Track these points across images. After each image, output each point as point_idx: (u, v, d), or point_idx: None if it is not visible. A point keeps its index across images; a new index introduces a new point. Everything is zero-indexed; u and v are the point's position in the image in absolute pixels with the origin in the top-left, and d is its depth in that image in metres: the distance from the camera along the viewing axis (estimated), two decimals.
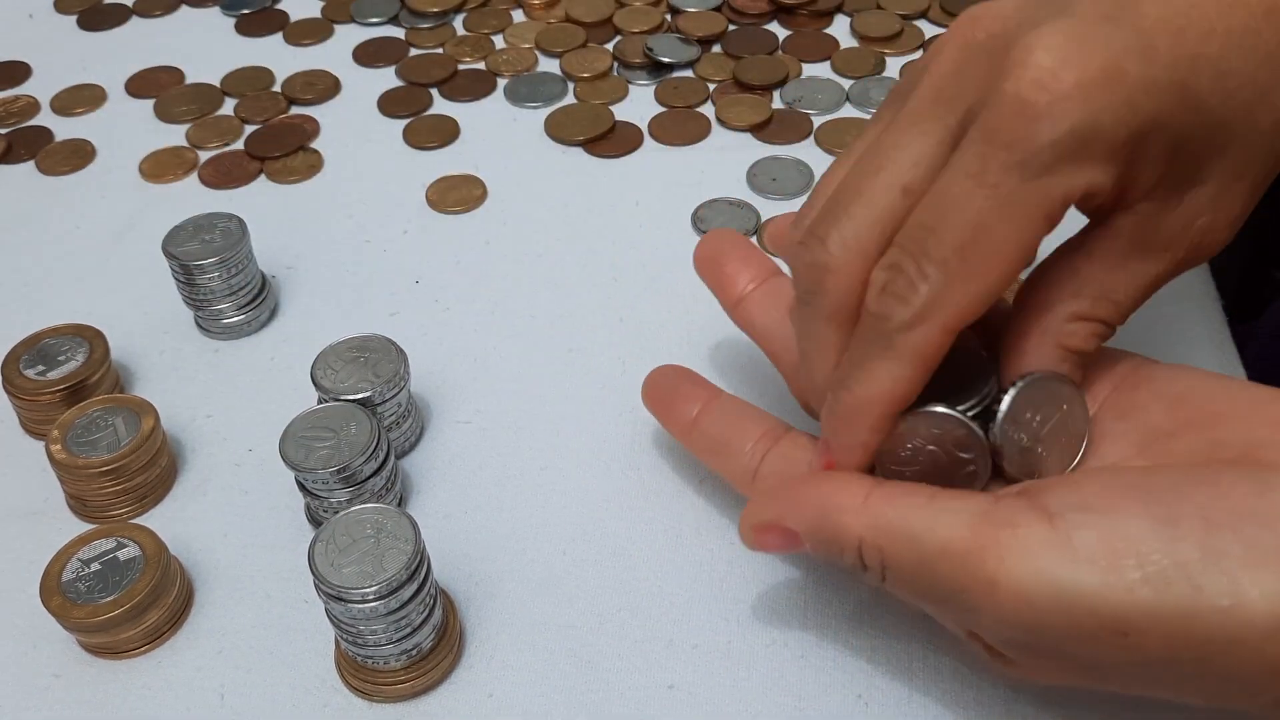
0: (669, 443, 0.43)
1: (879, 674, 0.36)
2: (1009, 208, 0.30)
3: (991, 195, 0.30)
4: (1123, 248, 0.33)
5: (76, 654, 0.38)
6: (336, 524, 0.35)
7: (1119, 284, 0.33)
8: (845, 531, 0.31)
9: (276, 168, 0.57)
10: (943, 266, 0.30)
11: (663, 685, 0.36)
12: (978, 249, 0.30)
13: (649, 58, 0.61)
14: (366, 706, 0.36)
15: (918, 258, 0.31)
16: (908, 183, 0.32)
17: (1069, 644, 0.28)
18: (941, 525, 0.29)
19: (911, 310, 0.31)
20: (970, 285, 0.30)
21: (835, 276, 0.33)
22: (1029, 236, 0.30)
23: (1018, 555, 0.28)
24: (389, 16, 0.66)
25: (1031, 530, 0.28)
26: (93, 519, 0.42)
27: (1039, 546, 0.28)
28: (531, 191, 0.55)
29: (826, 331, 0.34)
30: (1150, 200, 0.32)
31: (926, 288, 0.31)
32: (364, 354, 0.42)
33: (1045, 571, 0.28)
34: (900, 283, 0.31)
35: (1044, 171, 0.29)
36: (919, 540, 0.30)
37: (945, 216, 0.30)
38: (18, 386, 0.44)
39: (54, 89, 0.62)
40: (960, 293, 0.30)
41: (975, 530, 0.29)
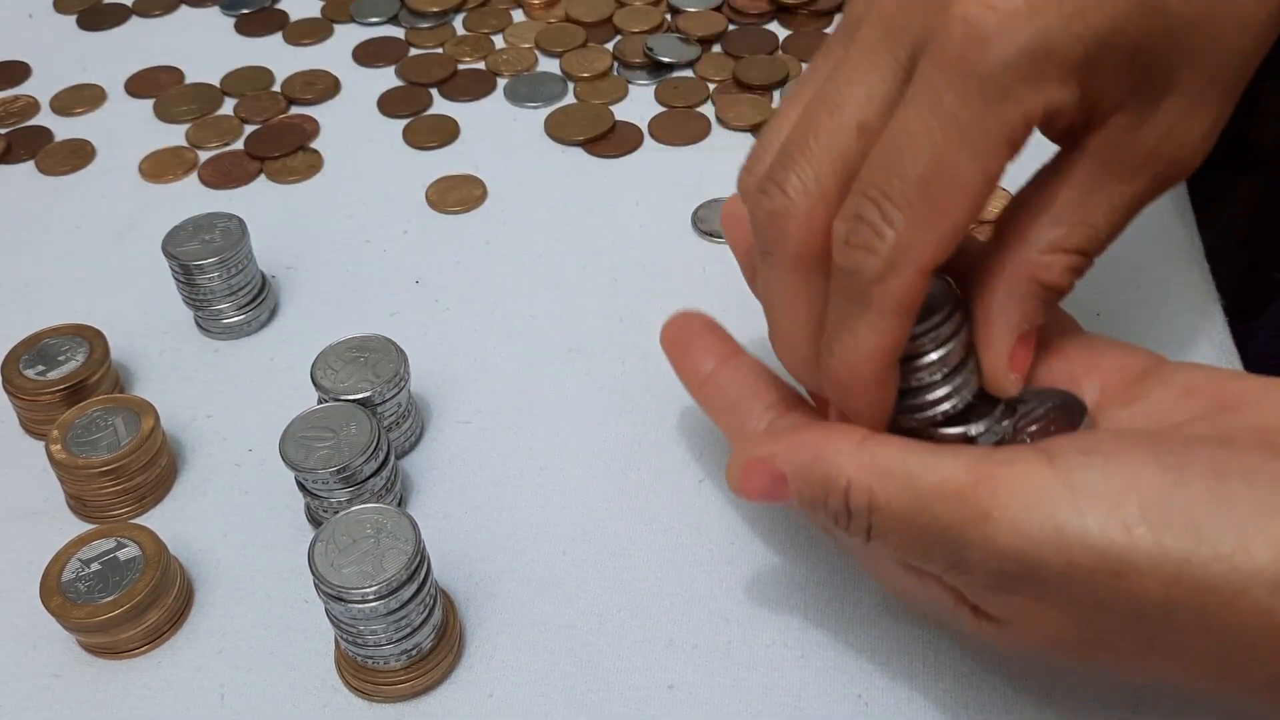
0: (669, 443, 0.43)
1: (879, 674, 0.36)
2: (968, 136, 0.29)
3: (949, 125, 0.29)
4: (1098, 168, 0.32)
5: (76, 654, 0.38)
6: (336, 524, 0.35)
7: (1096, 208, 0.32)
8: (837, 471, 0.30)
9: (276, 168, 0.57)
10: (907, 207, 0.29)
11: (663, 685, 0.36)
12: (941, 183, 0.29)
13: (649, 58, 0.61)
14: (366, 706, 0.36)
15: (879, 202, 0.30)
16: (863, 120, 0.31)
17: (1062, 584, 0.27)
18: (939, 466, 0.29)
19: (881, 259, 0.30)
20: (938, 223, 0.29)
21: (797, 222, 0.32)
22: (992, 164, 0.29)
23: (1014, 489, 0.27)
24: (389, 16, 0.66)
25: (1030, 467, 0.28)
26: (93, 519, 0.42)
27: (1036, 481, 0.27)
28: (531, 191, 0.55)
29: (793, 280, 0.33)
30: (1120, 114, 0.31)
31: (893, 233, 0.29)
32: (364, 354, 0.42)
33: (1041, 505, 0.27)
34: (864, 232, 0.30)
35: (1001, 95, 0.29)
36: (913, 479, 0.29)
37: (903, 154, 0.29)
38: (18, 386, 0.44)
39: (54, 89, 0.62)
40: (928, 232, 0.29)
41: (971, 469, 0.28)
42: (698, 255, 0.51)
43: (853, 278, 0.30)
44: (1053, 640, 0.30)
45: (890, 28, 0.31)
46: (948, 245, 0.30)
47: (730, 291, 0.49)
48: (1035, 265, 0.32)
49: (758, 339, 0.46)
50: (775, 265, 0.33)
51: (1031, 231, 0.33)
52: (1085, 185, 0.32)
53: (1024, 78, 0.29)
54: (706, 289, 0.49)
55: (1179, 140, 0.32)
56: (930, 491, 0.29)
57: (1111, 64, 0.30)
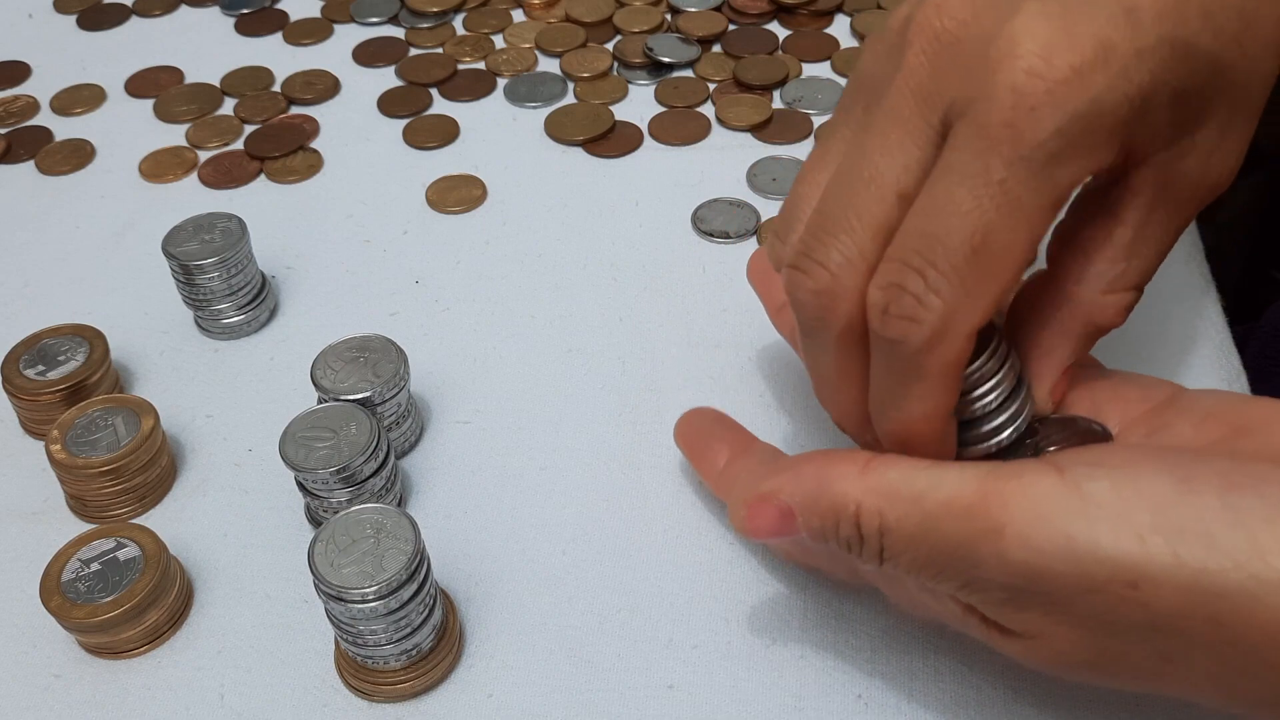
0: (669, 443, 0.43)
1: (879, 674, 0.36)
2: (1018, 205, 0.29)
3: (998, 194, 0.28)
4: (1148, 204, 0.32)
5: (76, 654, 0.38)
6: (336, 524, 0.35)
7: (1150, 242, 0.33)
8: (843, 498, 0.30)
9: (276, 168, 0.57)
10: (954, 275, 0.29)
11: (663, 685, 0.36)
12: (989, 252, 0.29)
13: (649, 58, 0.61)
14: (366, 706, 0.36)
15: (924, 271, 0.29)
16: (902, 190, 0.30)
17: (1076, 597, 0.27)
18: (945, 483, 0.29)
19: (928, 329, 0.29)
20: (986, 290, 0.29)
21: (844, 302, 0.31)
22: (1039, 230, 0.29)
23: (1025, 502, 0.27)
24: (389, 16, 0.66)
25: (1040, 479, 0.28)
26: (93, 519, 0.42)
27: (1047, 493, 0.27)
28: (531, 191, 0.55)
29: (842, 359, 0.32)
30: (1160, 152, 0.32)
31: (939, 301, 0.29)
32: (364, 354, 0.42)
33: (1053, 517, 0.27)
34: (908, 302, 0.29)
35: (1050, 162, 0.28)
36: (921, 499, 0.29)
37: (949, 223, 0.29)
38: (18, 386, 0.44)
39: (54, 89, 0.62)
40: (976, 299, 0.29)
41: (980, 484, 0.28)
42: (698, 255, 0.51)
43: (899, 347, 0.30)
44: (1069, 657, 0.29)
45: (924, 93, 0.30)
46: (993, 310, 0.30)
47: (730, 291, 0.49)
48: (1092, 307, 0.33)
49: (759, 340, 0.46)
50: (822, 346, 0.33)
51: (1088, 270, 0.33)
52: (1138, 222, 0.32)
53: (1073, 144, 0.29)
54: (706, 289, 0.49)
55: (1218, 165, 0.33)
56: (938, 509, 0.28)
57: (1155, 112, 0.30)
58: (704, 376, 0.45)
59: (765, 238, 0.33)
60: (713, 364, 0.46)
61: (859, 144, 0.32)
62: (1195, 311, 0.46)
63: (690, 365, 0.46)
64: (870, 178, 0.31)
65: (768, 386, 0.45)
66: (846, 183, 0.31)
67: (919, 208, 0.30)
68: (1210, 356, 0.44)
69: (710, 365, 0.46)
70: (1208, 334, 0.45)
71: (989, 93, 0.29)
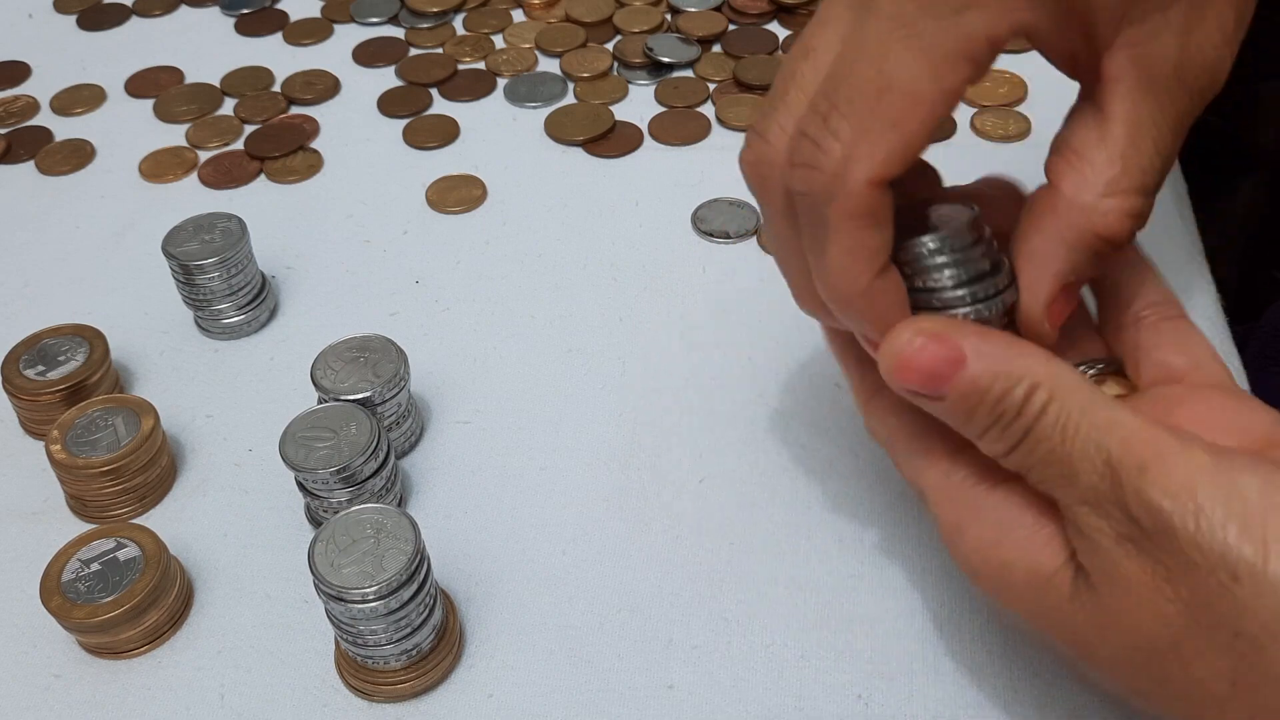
0: (669, 443, 0.43)
1: (879, 674, 0.36)
2: (925, 46, 0.28)
3: (906, 34, 0.28)
4: (1134, 93, 0.31)
5: (76, 654, 0.38)
6: (336, 524, 0.35)
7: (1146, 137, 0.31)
8: (1029, 370, 0.29)
9: (276, 168, 0.57)
10: (853, 116, 0.28)
11: (663, 685, 0.36)
12: (892, 94, 0.28)
13: (649, 58, 0.61)
14: (366, 706, 0.36)
15: (827, 114, 0.29)
16: None
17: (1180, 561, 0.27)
18: (1117, 408, 0.28)
19: (826, 176, 0.29)
20: (887, 133, 0.28)
21: (776, 169, 0.31)
22: (950, 79, 0.29)
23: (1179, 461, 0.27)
24: (389, 16, 0.66)
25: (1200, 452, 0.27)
26: (93, 519, 0.42)
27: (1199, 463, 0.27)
28: (531, 192, 0.55)
29: (787, 226, 0.32)
30: (1127, 29, 0.30)
31: (837, 145, 0.29)
32: (364, 354, 0.42)
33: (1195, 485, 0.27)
34: (807, 148, 0.29)
35: (961, 7, 0.28)
36: (1094, 408, 0.28)
37: (855, 63, 0.29)
38: (18, 386, 0.44)
39: (54, 89, 0.62)
40: (877, 142, 0.28)
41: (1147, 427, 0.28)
42: (698, 255, 0.51)
43: (805, 199, 0.30)
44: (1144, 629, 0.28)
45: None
46: (897, 159, 0.29)
47: (730, 291, 0.49)
48: (1091, 213, 0.31)
49: (759, 340, 0.46)
50: (769, 214, 0.32)
51: (1083, 173, 0.31)
52: (1127, 113, 0.31)
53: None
54: (706, 289, 0.49)
55: (1202, 44, 0.31)
56: (1105, 424, 0.28)
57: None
58: (704, 376, 0.45)
59: None
60: (713, 364, 0.46)
61: (806, 26, 0.32)
62: (1195, 311, 0.46)
63: (690, 365, 0.46)
64: (806, 50, 0.31)
65: (768, 386, 0.45)
66: (788, 62, 0.32)
67: (837, 55, 0.30)
68: None
69: (710, 365, 0.46)
70: (1208, 334, 0.45)
71: None
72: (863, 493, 0.41)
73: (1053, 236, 0.32)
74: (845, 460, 0.42)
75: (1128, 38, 0.30)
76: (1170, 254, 0.49)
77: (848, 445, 0.42)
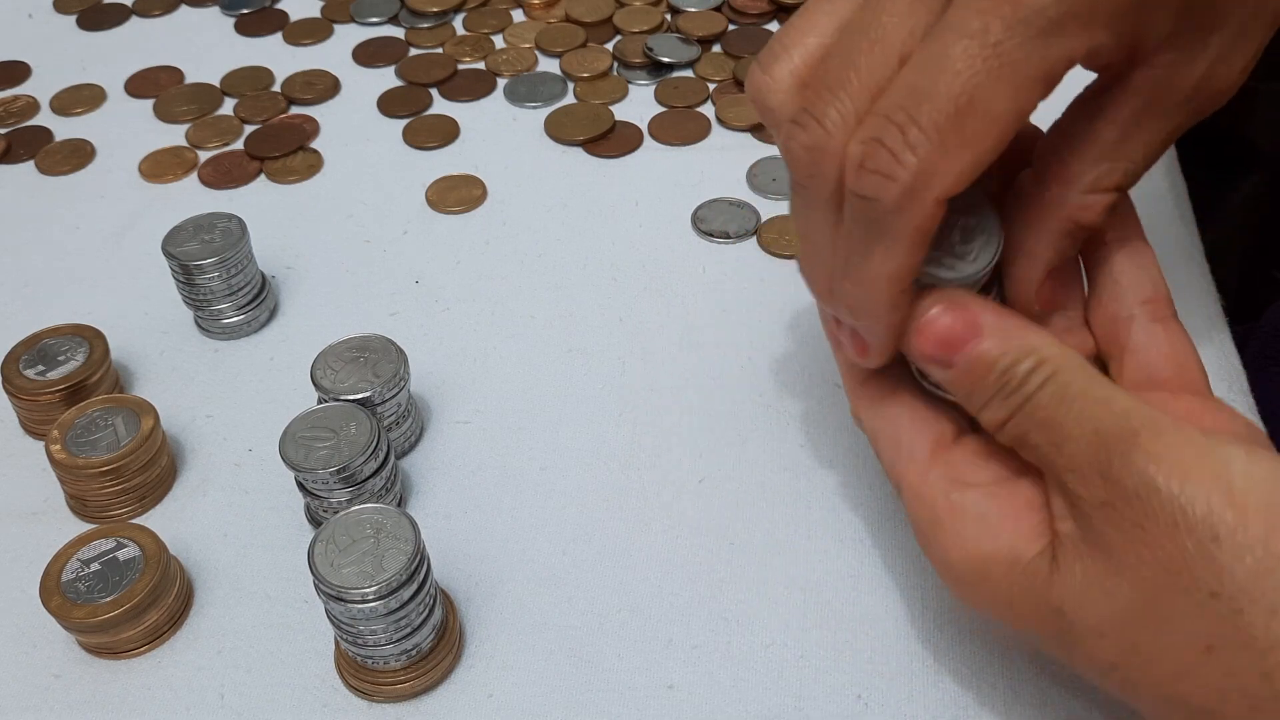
0: (669, 443, 0.43)
1: (879, 674, 0.36)
2: (1010, 69, 0.28)
3: (991, 55, 0.28)
4: (1141, 106, 0.32)
5: (76, 654, 0.38)
6: (336, 524, 0.35)
7: (1137, 145, 0.32)
8: (1040, 346, 0.30)
9: (276, 168, 0.57)
10: (934, 133, 0.29)
11: (663, 685, 0.36)
12: (974, 114, 0.29)
13: (649, 58, 0.61)
14: (366, 706, 0.36)
15: (905, 127, 0.29)
16: (905, 54, 0.30)
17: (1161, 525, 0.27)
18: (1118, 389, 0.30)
19: (900, 187, 0.29)
20: (964, 152, 0.29)
21: (835, 159, 0.31)
22: (1027, 100, 0.29)
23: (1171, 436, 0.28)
24: (389, 16, 0.66)
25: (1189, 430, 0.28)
26: (93, 519, 0.42)
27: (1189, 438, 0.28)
28: (531, 191, 0.55)
29: (829, 216, 0.32)
30: (1166, 52, 0.31)
31: (914, 159, 0.29)
32: (364, 354, 0.42)
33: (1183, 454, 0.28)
34: (883, 157, 0.29)
35: (1048, 30, 0.28)
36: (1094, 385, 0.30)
37: (937, 78, 0.29)
38: (18, 386, 0.44)
39: (54, 89, 0.62)
40: (953, 162, 0.29)
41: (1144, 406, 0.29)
42: (698, 255, 0.51)
43: (869, 204, 0.30)
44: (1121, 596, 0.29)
45: None
46: (969, 177, 0.29)
47: (730, 291, 0.49)
48: (1075, 206, 0.32)
49: (759, 340, 0.46)
50: (810, 201, 0.32)
51: (1072, 170, 0.32)
52: (1127, 123, 0.32)
53: (1075, 15, 0.28)
54: (706, 289, 0.49)
55: (1221, 75, 0.32)
56: (1104, 399, 0.29)
57: (1163, 6, 0.30)
58: (704, 376, 0.45)
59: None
60: (713, 364, 0.46)
61: (868, 4, 0.31)
62: (1195, 311, 0.46)
63: (690, 365, 0.46)
64: (877, 38, 0.31)
65: (768, 386, 0.45)
66: (853, 40, 0.31)
67: (913, 63, 0.30)
68: (1210, 356, 0.44)
69: (710, 365, 0.46)
70: (1208, 334, 0.45)
71: None
72: (863, 493, 0.41)
73: (1041, 229, 0.33)
74: (845, 460, 0.42)
75: (1163, 60, 0.31)
76: (1170, 254, 0.49)
77: (848, 445, 0.42)
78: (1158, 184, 0.51)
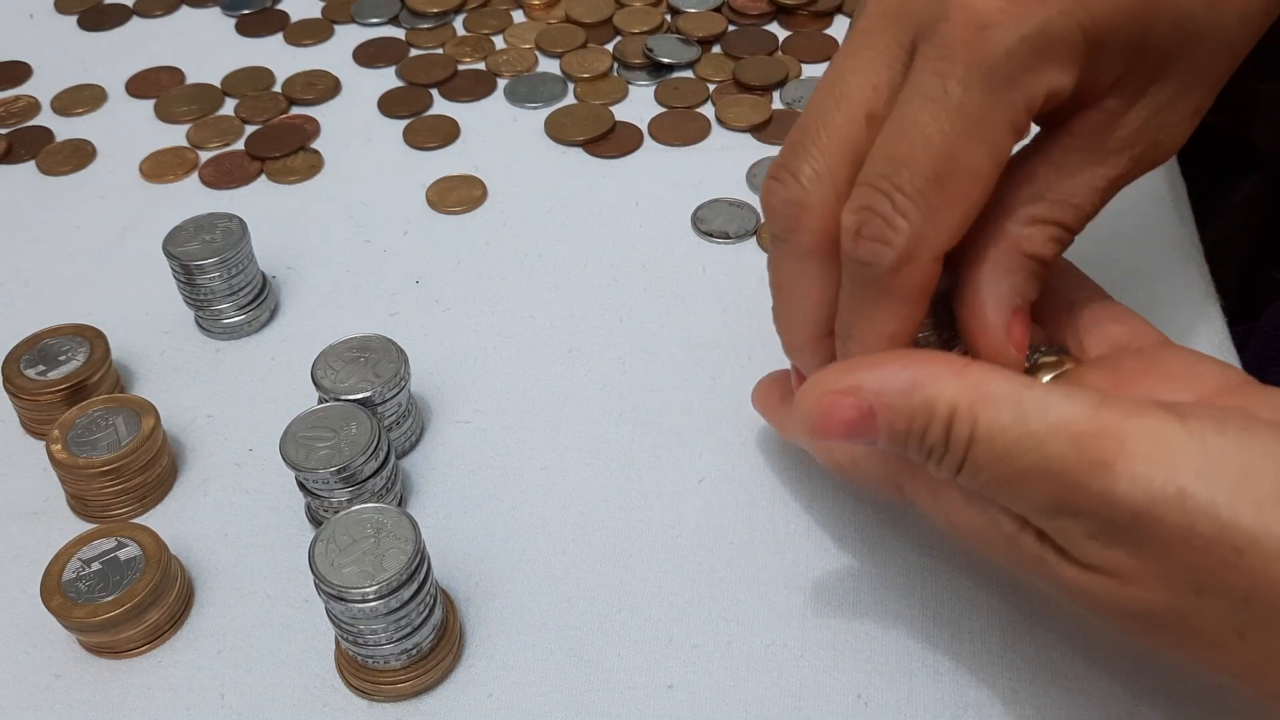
0: (669, 443, 0.43)
1: (879, 674, 0.36)
2: (977, 126, 0.29)
3: (957, 116, 0.29)
4: (1077, 148, 0.32)
5: (76, 654, 0.38)
6: (336, 524, 0.35)
7: (1076, 186, 0.33)
8: (937, 400, 0.28)
9: (277, 168, 0.57)
10: (919, 198, 0.30)
11: (663, 685, 0.36)
12: (953, 174, 0.30)
13: (649, 58, 0.61)
14: (366, 706, 0.36)
15: (891, 194, 0.30)
16: (870, 110, 0.31)
17: (1175, 548, 0.26)
18: (1053, 404, 0.27)
19: (897, 251, 0.30)
20: (951, 211, 0.30)
21: (812, 213, 0.32)
22: (1000, 151, 0.30)
23: (1143, 444, 0.26)
24: (389, 17, 0.66)
25: (1160, 423, 0.26)
26: (93, 519, 0.42)
27: (1167, 437, 0.26)
28: (531, 192, 0.55)
29: (806, 268, 0.33)
30: (1110, 98, 0.32)
31: (906, 224, 0.30)
32: (364, 354, 0.42)
33: (1172, 466, 0.26)
34: (877, 224, 0.30)
35: (1006, 82, 0.29)
36: (1026, 416, 0.27)
37: (911, 145, 0.30)
38: (18, 386, 0.44)
39: (54, 89, 0.62)
40: (943, 221, 0.30)
41: (1094, 413, 0.27)
42: (698, 255, 0.51)
43: (868, 269, 0.31)
44: (1139, 603, 0.28)
45: (891, 13, 0.31)
46: (960, 230, 0.30)
47: (730, 291, 0.49)
48: (1019, 237, 0.33)
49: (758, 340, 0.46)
50: (788, 253, 0.33)
51: (1012, 206, 0.33)
52: (1063, 165, 0.33)
53: (1027, 65, 0.29)
54: (706, 289, 0.49)
55: (1162, 124, 0.33)
56: (1044, 430, 0.27)
57: (1112, 50, 0.30)
58: (704, 376, 0.45)
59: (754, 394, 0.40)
60: (713, 364, 0.46)
61: (835, 65, 0.33)
62: (1195, 311, 0.46)
63: (690, 365, 0.46)
64: (841, 95, 0.32)
65: None
66: (820, 99, 0.33)
67: (887, 130, 0.31)
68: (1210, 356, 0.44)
69: (710, 365, 0.46)
70: (1208, 334, 0.45)
71: (945, 13, 0.29)
72: (863, 492, 0.41)
73: (990, 265, 0.33)
74: None
75: (1106, 104, 0.32)
76: (1170, 254, 0.49)
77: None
78: (1158, 184, 0.51)
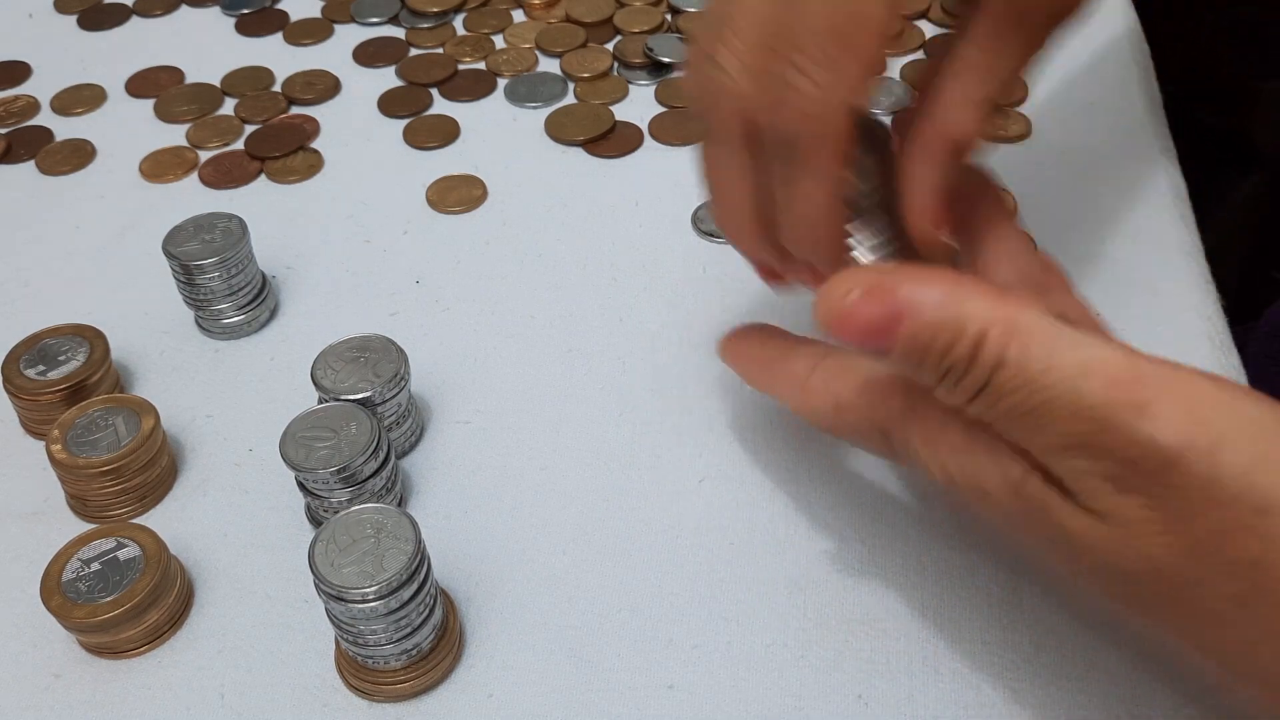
0: (669, 443, 0.43)
1: (879, 674, 0.36)
2: None
3: None
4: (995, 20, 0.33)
5: (76, 654, 0.38)
6: (336, 524, 0.35)
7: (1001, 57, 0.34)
8: (971, 317, 0.27)
9: (276, 168, 0.57)
10: (820, 54, 0.30)
11: (663, 685, 0.36)
12: (849, 28, 0.30)
13: (649, 58, 0.61)
14: (366, 706, 0.36)
15: (792, 55, 0.30)
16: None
17: (1192, 497, 0.25)
18: (1089, 345, 0.27)
19: (803, 112, 0.30)
20: (853, 63, 0.30)
21: (727, 96, 0.32)
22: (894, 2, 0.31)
23: (1181, 395, 0.26)
24: (389, 16, 0.66)
25: (1196, 378, 0.26)
26: (93, 519, 0.42)
27: (1204, 394, 0.26)
28: (531, 192, 0.55)
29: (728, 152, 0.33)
30: None
31: (809, 82, 0.30)
32: (364, 354, 0.42)
33: (1206, 418, 0.25)
34: (784, 91, 0.31)
35: None
36: (1059, 349, 0.27)
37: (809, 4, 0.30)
38: (18, 386, 0.44)
39: (54, 89, 0.62)
40: (846, 73, 0.30)
41: (1131, 360, 0.26)
42: (698, 255, 0.51)
43: (782, 135, 0.31)
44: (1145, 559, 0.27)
45: None
46: (864, 82, 0.31)
47: (729, 291, 0.49)
48: (946, 121, 0.34)
49: None
50: (714, 140, 0.34)
51: (942, 87, 0.34)
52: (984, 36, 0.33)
53: None
54: (706, 289, 0.49)
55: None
56: (1077, 366, 0.26)
57: None
58: (704, 376, 0.45)
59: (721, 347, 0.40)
60: (713, 364, 0.46)
61: None
62: (1195, 311, 0.46)
63: (690, 365, 0.46)
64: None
65: None
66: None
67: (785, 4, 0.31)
68: (1210, 356, 0.44)
69: (710, 365, 0.46)
70: (1208, 334, 0.45)
71: None
72: (863, 493, 0.41)
73: (923, 150, 0.34)
74: (845, 460, 0.42)
75: None
76: (1170, 254, 0.49)
77: (847, 445, 0.42)
78: (1158, 184, 0.51)
